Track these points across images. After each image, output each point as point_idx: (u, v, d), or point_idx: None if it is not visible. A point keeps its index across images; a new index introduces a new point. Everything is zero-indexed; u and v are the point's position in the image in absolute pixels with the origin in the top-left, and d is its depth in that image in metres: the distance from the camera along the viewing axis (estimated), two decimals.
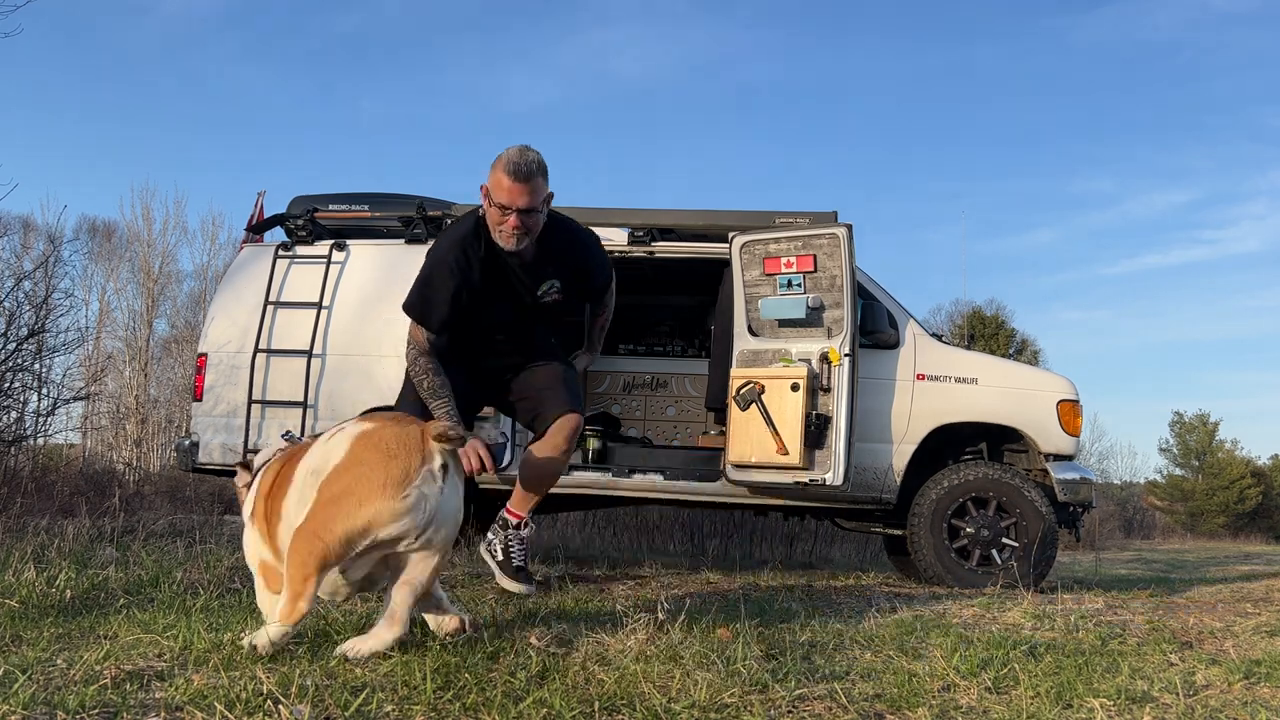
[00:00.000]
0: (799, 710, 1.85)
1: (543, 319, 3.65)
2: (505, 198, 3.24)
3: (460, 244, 3.41)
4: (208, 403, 5.84)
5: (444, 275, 3.41)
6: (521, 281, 3.49)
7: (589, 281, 3.67)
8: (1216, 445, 40.84)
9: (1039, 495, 5.11)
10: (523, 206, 3.25)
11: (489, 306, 3.48)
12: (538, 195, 3.27)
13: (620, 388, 7.29)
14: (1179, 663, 2.53)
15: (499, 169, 3.25)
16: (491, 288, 3.44)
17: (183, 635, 2.22)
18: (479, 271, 3.39)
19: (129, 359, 28.69)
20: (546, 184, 3.32)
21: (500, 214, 3.27)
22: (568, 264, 3.55)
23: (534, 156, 3.29)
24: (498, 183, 3.25)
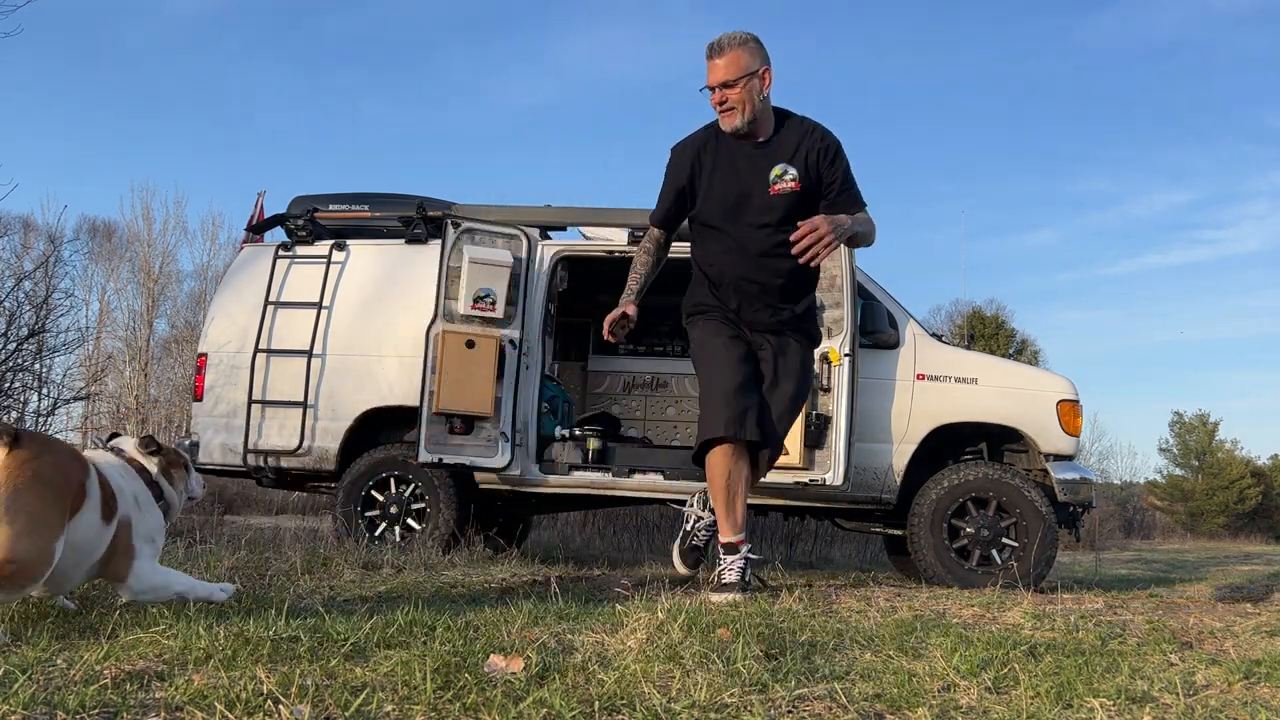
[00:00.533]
0: (799, 710, 1.85)
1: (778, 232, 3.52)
2: (707, 78, 3.44)
3: (689, 140, 3.64)
4: (208, 403, 5.85)
5: (670, 167, 3.66)
6: (754, 163, 3.54)
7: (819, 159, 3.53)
8: (1216, 445, 40.86)
9: (1039, 495, 5.11)
10: (719, 81, 3.43)
11: (731, 195, 3.56)
12: (735, 66, 3.41)
13: (620, 388, 7.29)
14: (1179, 663, 2.53)
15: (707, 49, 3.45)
16: (730, 174, 3.55)
17: (183, 635, 2.22)
18: (710, 157, 3.56)
19: (129, 359, 28.70)
20: (753, 57, 3.42)
21: (711, 94, 3.46)
22: (802, 147, 3.54)
23: (734, 33, 3.44)
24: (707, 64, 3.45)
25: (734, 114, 3.46)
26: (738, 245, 3.60)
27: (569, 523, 10.63)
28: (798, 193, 3.54)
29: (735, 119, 3.47)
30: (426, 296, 5.47)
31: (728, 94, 3.44)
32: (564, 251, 5.79)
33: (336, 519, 5.54)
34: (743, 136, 3.53)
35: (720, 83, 3.43)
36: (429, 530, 5.42)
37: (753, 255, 3.59)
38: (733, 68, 3.42)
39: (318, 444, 5.64)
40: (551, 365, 6.25)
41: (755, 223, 3.57)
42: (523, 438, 5.46)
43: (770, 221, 3.56)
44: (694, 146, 3.61)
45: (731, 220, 3.59)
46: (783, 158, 3.53)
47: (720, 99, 3.46)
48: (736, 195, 3.56)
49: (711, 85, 3.45)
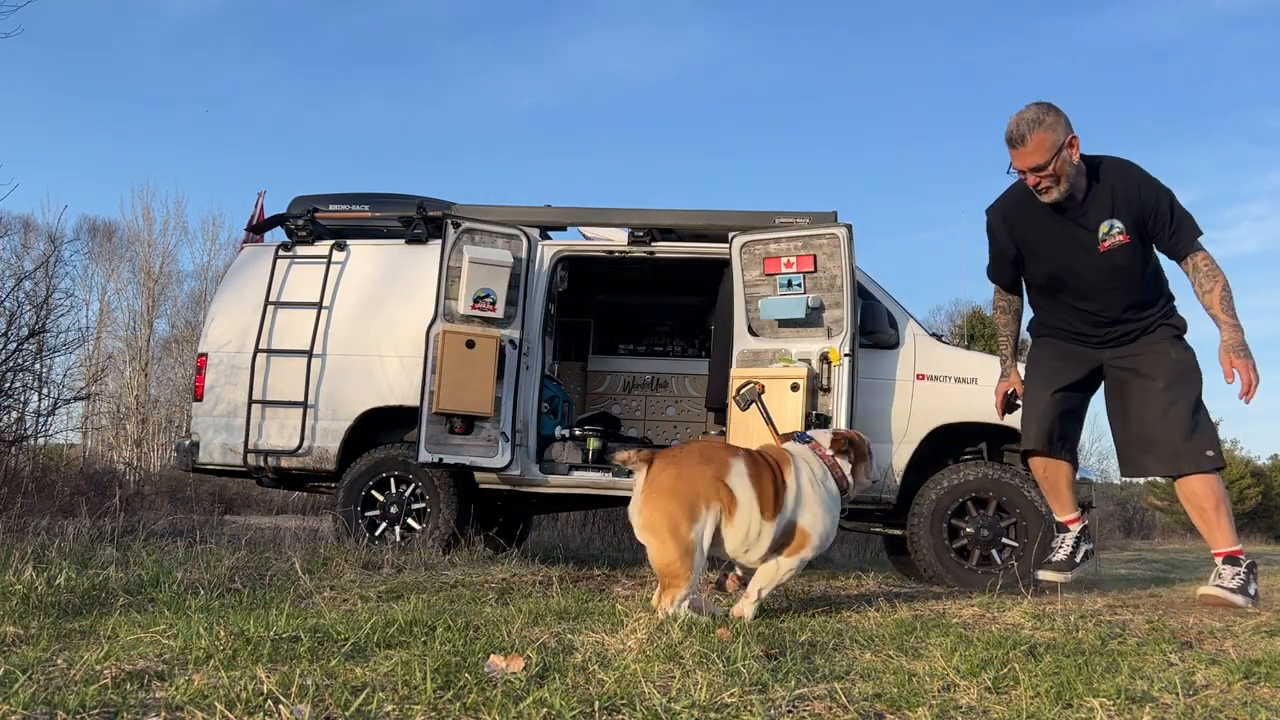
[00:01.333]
0: (799, 710, 1.85)
1: (1118, 276, 3.66)
2: (1014, 163, 3.58)
3: (1000, 203, 3.82)
4: (208, 403, 5.85)
5: (990, 234, 3.87)
6: (1077, 226, 3.63)
7: (1143, 205, 3.60)
8: None
9: (1039, 495, 5.11)
10: (1029, 166, 3.54)
11: (1060, 257, 3.69)
12: (1043, 150, 3.50)
13: (620, 388, 7.29)
14: (1179, 663, 2.53)
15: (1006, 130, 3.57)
16: (1054, 239, 3.67)
17: (182, 635, 2.22)
18: (1024, 223, 3.72)
19: (129, 359, 28.70)
20: (1056, 133, 3.50)
21: (1022, 175, 3.60)
22: (1120, 195, 3.60)
23: (1028, 115, 3.53)
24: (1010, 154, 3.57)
25: (1052, 190, 3.57)
26: (1077, 300, 3.78)
27: (569, 523, 10.63)
28: (1128, 244, 3.63)
29: (1054, 194, 3.58)
30: (426, 296, 5.47)
31: (1041, 176, 3.55)
32: (564, 251, 5.79)
33: (336, 519, 5.54)
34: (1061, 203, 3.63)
35: (1031, 168, 3.55)
36: (429, 530, 5.42)
37: (1092, 308, 3.78)
38: (1040, 152, 3.51)
39: (318, 444, 5.64)
40: (551, 365, 6.25)
41: (1089, 283, 3.71)
42: (523, 438, 5.46)
43: (1104, 280, 3.70)
44: (1002, 211, 3.81)
45: (1062, 288, 3.79)
46: (1104, 214, 3.61)
47: (1035, 181, 3.57)
48: (1059, 267, 3.73)
49: (1021, 170, 3.58)
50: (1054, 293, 3.82)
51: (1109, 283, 3.69)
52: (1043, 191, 3.57)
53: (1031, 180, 3.56)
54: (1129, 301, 3.73)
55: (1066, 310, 3.84)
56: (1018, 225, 3.74)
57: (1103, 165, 3.63)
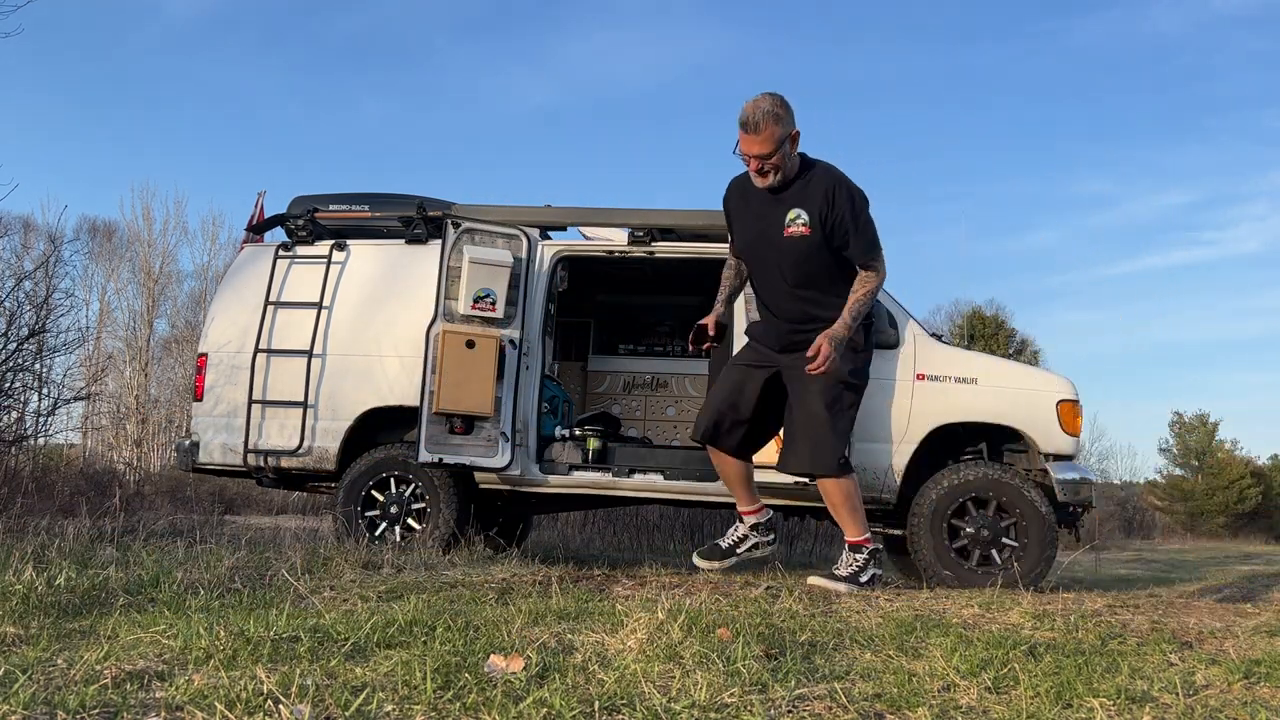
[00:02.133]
0: (799, 710, 1.85)
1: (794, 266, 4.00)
2: (741, 147, 3.86)
3: (739, 177, 4.12)
4: (208, 403, 5.84)
5: (725, 202, 4.19)
6: (773, 209, 3.98)
7: (833, 207, 3.93)
8: (1216, 445, 40.84)
9: (1039, 495, 5.11)
10: (754, 154, 3.85)
11: (753, 233, 4.06)
12: (770, 142, 3.82)
13: (620, 388, 7.29)
14: (1179, 663, 2.53)
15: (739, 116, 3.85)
16: (754, 216, 4.03)
17: (182, 635, 2.22)
18: (744, 199, 4.07)
19: (129, 359, 28.71)
20: (783, 126, 3.82)
21: (745, 160, 3.90)
22: (808, 196, 3.96)
23: (764, 105, 3.82)
24: (739, 131, 3.84)
25: (768, 178, 3.92)
26: (767, 279, 4.11)
27: (569, 523, 10.63)
28: (808, 236, 3.94)
29: (769, 181, 3.93)
30: (426, 296, 5.47)
31: (763, 163, 3.88)
32: (564, 251, 5.78)
33: (336, 519, 5.54)
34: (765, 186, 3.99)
35: (755, 155, 3.85)
36: (429, 530, 5.42)
37: (778, 289, 4.08)
38: (768, 143, 3.83)
39: (318, 444, 5.63)
40: (551, 365, 6.25)
41: (773, 261, 4.04)
42: (523, 438, 5.46)
43: (784, 263, 4.02)
44: (735, 184, 4.13)
45: (757, 259, 4.11)
46: (796, 204, 3.95)
47: (756, 167, 3.90)
48: (752, 242, 4.09)
49: (746, 155, 3.87)
50: (751, 272, 4.19)
51: (788, 271, 4.00)
52: (760, 176, 3.91)
53: (753, 166, 3.88)
54: (805, 297, 4.03)
55: (762, 297, 4.18)
56: (738, 199, 4.08)
57: (816, 165, 4.00)
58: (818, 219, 3.92)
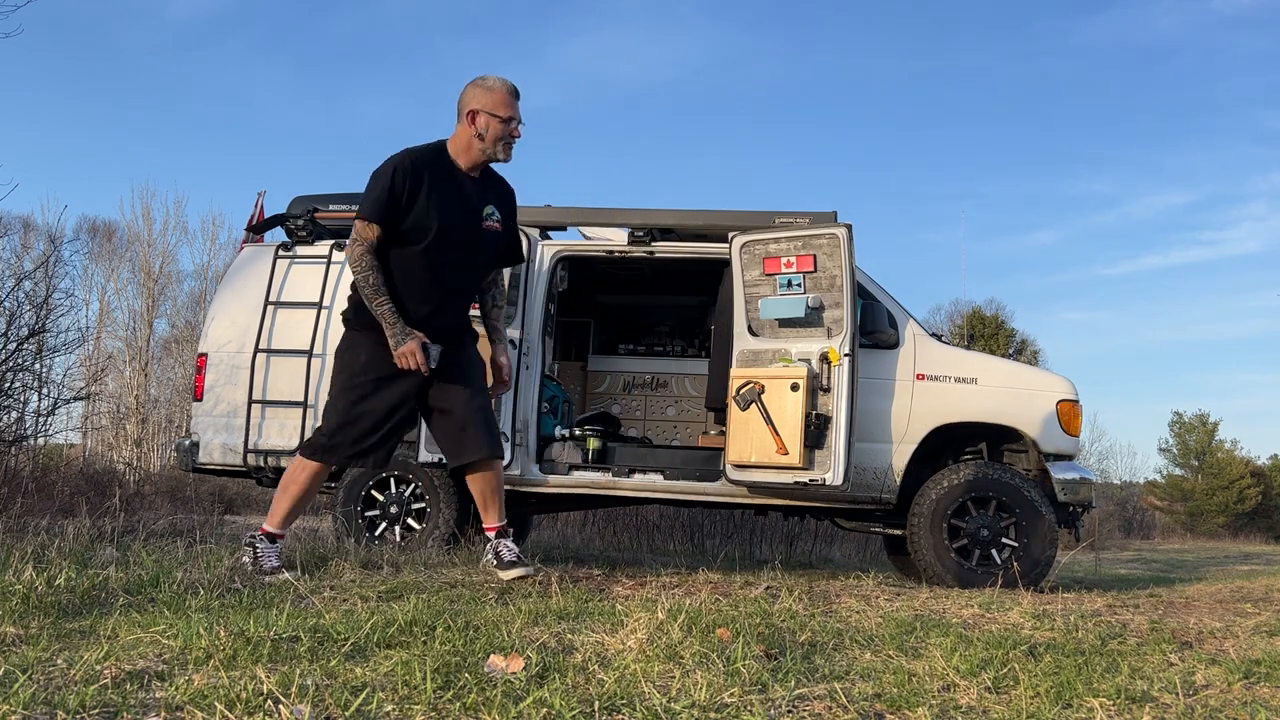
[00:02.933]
0: (799, 710, 1.85)
1: (478, 257, 3.82)
2: (515, 110, 3.69)
3: (420, 154, 3.69)
4: (208, 403, 5.85)
5: (402, 173, 3.60)
6: (470, 199, 3.73)
7: (511, 215, 3.91)
8: (1216, 445, 40.84)
9: (1039, 495, 5.11)
10: (520, 120, 3.70)
11: (458, 216, 3.69)
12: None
13: (620, 388, 7.29)
14: (1179, 663, 2.53)
15: (500, 87, 3.69)
16: (443, 198, 3.65)
17: (182, 635, 2.22)
18: (433, 180, 3.64)
19: (129, 359, 28.71)
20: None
21: (505, 127, 3.67)
22: (502, 193, 3.88)
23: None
24: (501, 100, 3.67)
25: (510, 153, 3.76)
26: (449, 270, 3.72)
27: (569, 523, 10.63)
28: (500, 233, 3.85)
29: (510, 157, 3.76)
30: None
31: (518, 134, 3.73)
32: (564, 251, 5.78)
33: (336, 519, 5.54)
34: (469, 169, 3.75)
35: (520, 122, 3.73)
36: (429, 530, 5.42)
37: (455, 283, 3.78)
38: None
39: None
40: (551, 365, 6.25)
41: (468, 252, 3.77)
42: (523, 438, 5.46)
43: (478, 258, 3.82)
44: (418, 159, 3.67)
45: (452, 244, 3.69)
46: (491, 200, 3.81)
47: (517, 135, 3.73)
48: (461, 221, 3.70)
49: (515, 121, 3.71)
50: (433, 252, 3.64)
51: (474, 262, 3.82)
52: (510, 148, 3.72)
53: (517, 133, 3.71)
54: (470, 295, 3.90)
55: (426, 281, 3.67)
56: (426, 177, 3.62)
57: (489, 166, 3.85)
58: (505, 218, 3.85)
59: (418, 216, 3.60)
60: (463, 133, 3.70)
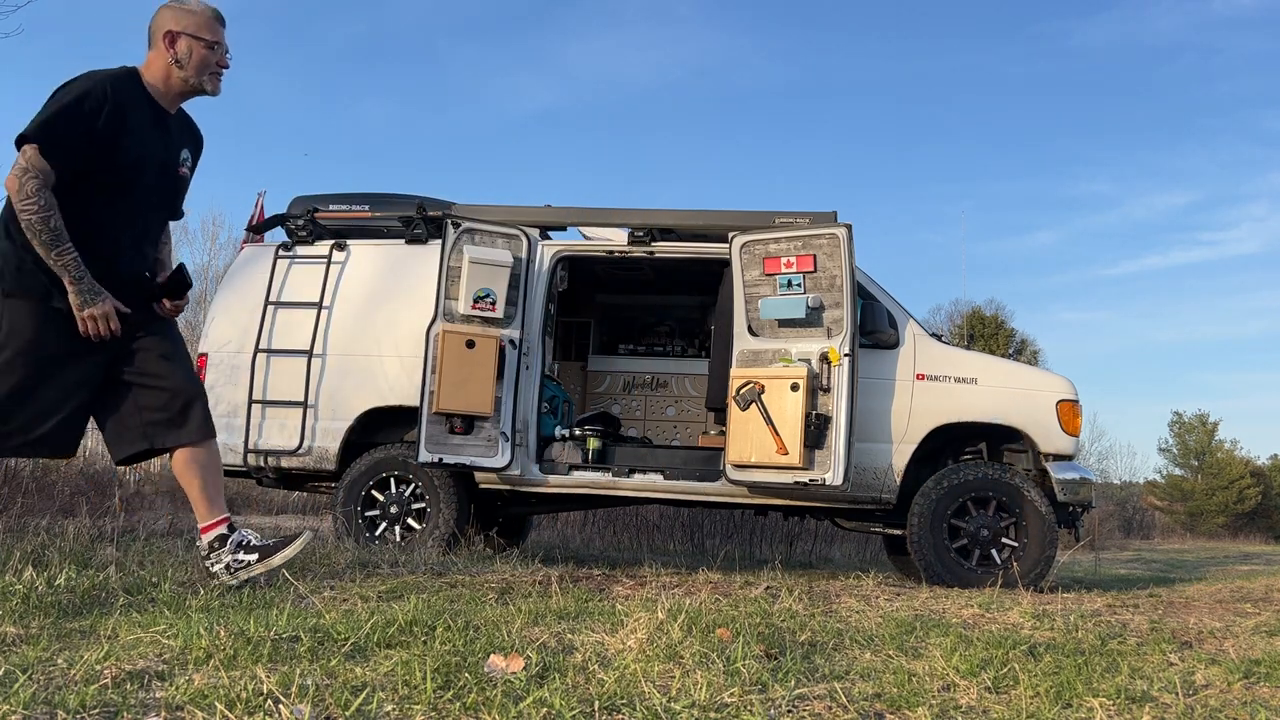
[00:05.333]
0: (799, 710, 1.85)
1: (165, 204, 3.36)
2: (220, 35, 3.23)
3: (115, 79, 3.11)
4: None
5: (95, 100, 3.02)
6: (168, 140, 3.26)
7: (197, 157, 3.46)
8: (1216, 445, 40.85)
9: (1039, 495, 5.11)
10: (228, 48, 3.26)
11: (151, 155, 3.19)
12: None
13: (620, 388, 7.29)
14: (1179, 663, 2.53)
15: (199, 9, 3.20)
16: (139, 132, 3.13)
17: (182, 635, 2.22)
18: (129, 111, 3.10)
19: None
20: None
21: (211, 54, 3.20)
22: (196, 139, 3.44)
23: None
24: (205, 22, 3.19)
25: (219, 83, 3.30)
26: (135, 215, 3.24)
27: (569, 523, 10.63)
28: (186, 179, 3.39)
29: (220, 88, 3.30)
30: (427, 296, 5.47)
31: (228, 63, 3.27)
32: (564, 251, 5.79)
33: (337, 519, 5.54)
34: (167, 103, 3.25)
35: (228, 50, 3.27)
36: (429, 530, 5.42)
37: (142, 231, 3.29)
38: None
39: (318, 444, 5.64)
40: (551, 365, 6.25)
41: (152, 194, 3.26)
42: (523, 438, 5.46)
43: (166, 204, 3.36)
44: (114, 83, 3.09)
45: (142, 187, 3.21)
46: (185, 143, 3.35)
47: (225, 65, 3.27)
48: (141, 164, 3.17)
49: (221, 47, 3.24)
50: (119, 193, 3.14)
51: (161, 206, 3.33)
52: (219, 76, 3.26)
53: (225, 62, 3.25)
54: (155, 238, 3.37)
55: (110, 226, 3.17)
56: (121, 106, 3.07)
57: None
58: (193, 164, 3.41)
59: (108, 151, 3.04)
60: (157, 60, 3.17)
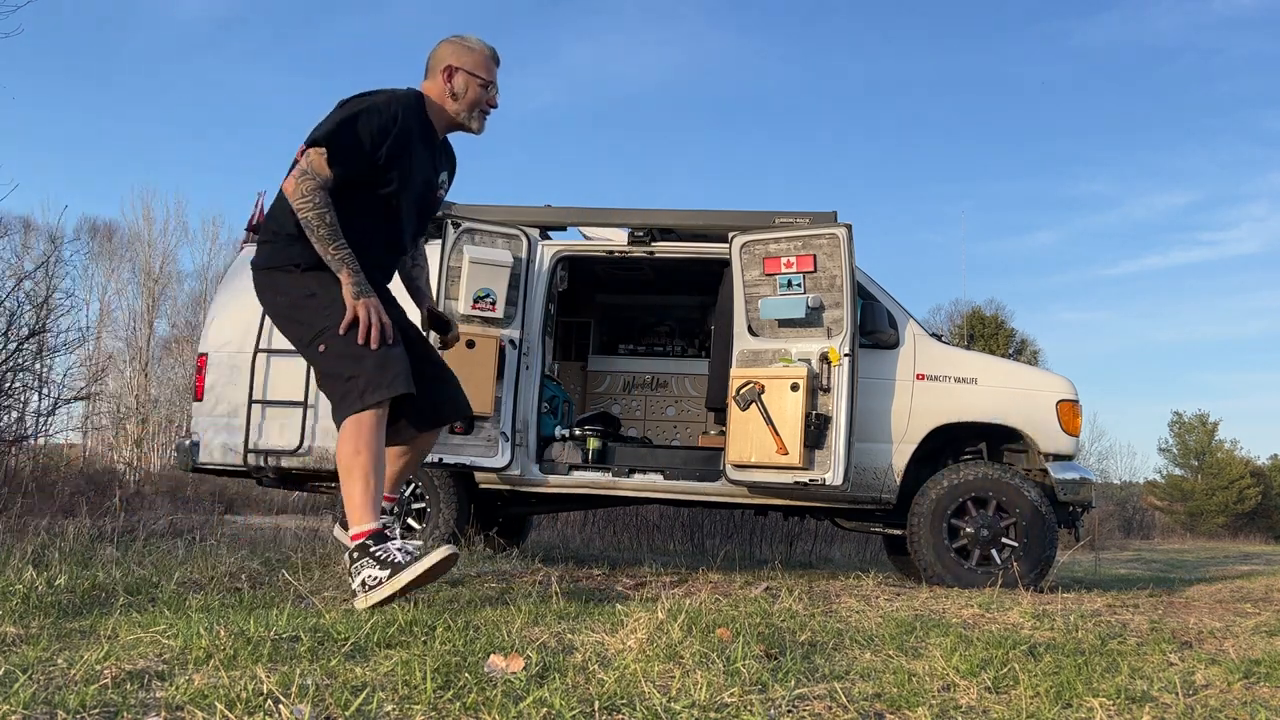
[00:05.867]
0: (799, 710, 1.85)
1: (419, 222, 3.50)
2: (494, 76, 3.33)
3: (406, 104, 3.22)
4: (208, 403, 5.85)
5: (384, 122, 3.13)
6: (434, 162, 3.39)
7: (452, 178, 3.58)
8: (1216, 445, 40.85)
9: (1039, 495, 5.11)
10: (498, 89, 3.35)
11: (420, 179, 3.32)
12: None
13: (620, 388, 7.29)
14: (1179, 663, 2.53)
15: (479, 48, 3.31)
16: (415, 155, 3.26)
17: (182, 635, 2.22)
18: (413, 135, 3.22)
19: (129, 359, 28.72)
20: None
21: (484, 92, 3.30)
22: (453, 163, 3.55)
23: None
24: (483, 62, 3.30)
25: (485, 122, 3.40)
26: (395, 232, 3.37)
27: (569, 523, 10.63)
28: (440, 203, 3.56)
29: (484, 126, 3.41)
30: None
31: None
32: (564, 251, 5.79)
33: (336, 519, 5.54)
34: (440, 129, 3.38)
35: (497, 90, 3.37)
36: (429, 530, 5.42)
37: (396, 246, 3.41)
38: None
39: (318, 444, 5.64)
40: (551, 365, 6.25)
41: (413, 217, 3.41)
42: (523, 438, 5.46)
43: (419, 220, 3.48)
44: (406, 107, 3.23)
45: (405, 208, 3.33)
46: (445, 166, 3.49)
47: (495, 104, 3.37)
48: (412, 186, 3.31)
49: (493, 86, 3.34)
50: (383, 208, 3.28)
51: (415, 224, 3.46)
52: (485, 115, 3.35)
53: (494, 102, 3.34)
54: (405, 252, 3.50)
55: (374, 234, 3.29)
56: (407, 130, 3.20)
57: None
58: (448, 187, 3.56)
59: (385, 170, 3.18)
60: (434, 89, 3.30)
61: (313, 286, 3.14)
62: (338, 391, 3.12)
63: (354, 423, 3.08)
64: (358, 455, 3.07)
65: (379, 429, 3.10)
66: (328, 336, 3.10)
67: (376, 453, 3.10)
